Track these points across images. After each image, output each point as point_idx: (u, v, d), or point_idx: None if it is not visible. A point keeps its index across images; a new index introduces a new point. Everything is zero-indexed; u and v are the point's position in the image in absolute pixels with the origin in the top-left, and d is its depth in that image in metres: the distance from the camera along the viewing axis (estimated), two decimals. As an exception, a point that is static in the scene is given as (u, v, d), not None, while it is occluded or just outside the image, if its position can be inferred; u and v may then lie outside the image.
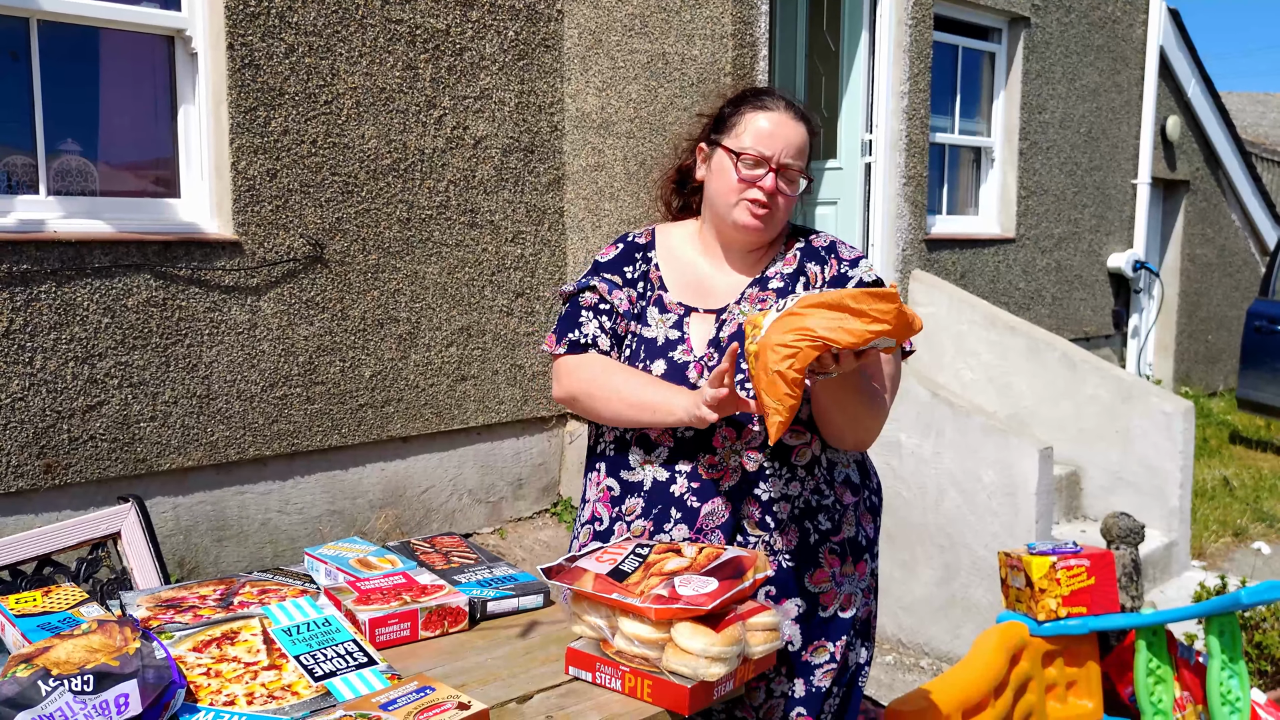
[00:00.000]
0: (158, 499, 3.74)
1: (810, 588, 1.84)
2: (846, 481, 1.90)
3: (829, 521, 1.86)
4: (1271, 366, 7.54)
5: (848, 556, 1.88)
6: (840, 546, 1.87)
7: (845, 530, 1.88)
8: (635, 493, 1.88)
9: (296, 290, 4.02)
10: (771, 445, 1.70)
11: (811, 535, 1.84)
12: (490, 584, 1.91)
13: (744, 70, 4.34)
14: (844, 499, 1.89)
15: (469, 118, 4.50)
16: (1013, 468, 3.93)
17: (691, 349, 1.85)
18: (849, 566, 1.88)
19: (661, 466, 1.85)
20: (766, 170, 1.82)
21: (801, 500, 1.84)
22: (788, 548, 1.82)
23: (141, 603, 1.66)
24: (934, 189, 6.63)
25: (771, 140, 1.82)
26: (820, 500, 1.85)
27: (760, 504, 1.82)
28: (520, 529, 4.87)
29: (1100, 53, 7.58)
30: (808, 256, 1.91)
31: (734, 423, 1.80)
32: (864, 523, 1.92)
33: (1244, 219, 10.10)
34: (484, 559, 2.05)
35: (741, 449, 1.81)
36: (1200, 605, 2.80)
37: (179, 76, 3.83)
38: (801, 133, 1.85)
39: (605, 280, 1.94)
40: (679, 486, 1.84)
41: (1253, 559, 5.53)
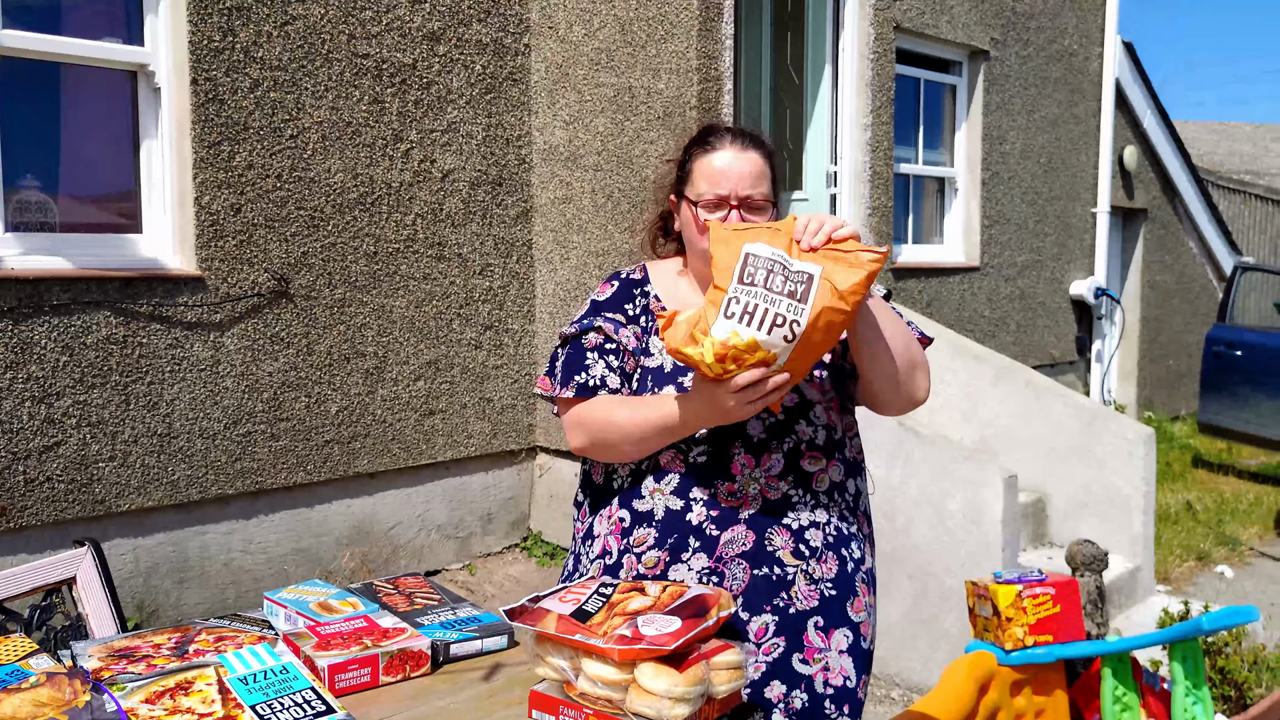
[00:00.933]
0: (116, 541, 3.68)
1: (853, 617, 1.83)
2: (865, 512, 1.91)
3: (859, 550, 1.87)
4: (1231, 391, 7.65)
5: (874, 587, 1.90)
6: (868, 576, 1.88)
7: (868, 561, 1.89)
8: (646, 523, 1.83)
9: (261, 325, 3.99)
10: (778, 416, 1.78)
11: (849, 563, 1.84)
12: (454, 626, 1.89)
13: (709, 104, 4.38)
14: (864, 529, 1.90)
15: (436, 151, 4.50)
16: (979, 495, 3.95)
17: None
18: (873, 597, 1.89)
19: (674, 494, 1.81)
20: (727, 210, 1.81)
21: (832, 527, 1.83)
22: (829, 575, 1.81)
23: (93, 653, 1.63)
24: (899, 219, 6.70)
25: (724, 178, 1.81)
26: (848, 528, 1.85)
27: (791, 532, 1.79)
28: (490, 564, 4.82)
29: (1058, 85, 7.72)
30: None
31: (753, 449, 1.79)
32: (870, 556, 1.93)
33: (1201, 246, 10.28)
34: (448, 600, 2.02)
35: (761, 476, 1.79)
36: (1163, 632, 2.81)
37: (141, 111, 3.81)
38: (753, 160, 1.84)
39: (609, 320, 1.90)
40: (696, 515, 1.80)
41: (1217, 583, 5.58)
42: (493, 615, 1.96)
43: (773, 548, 1.79)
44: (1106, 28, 8.06)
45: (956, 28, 6.65)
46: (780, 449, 1.79)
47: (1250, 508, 7.03)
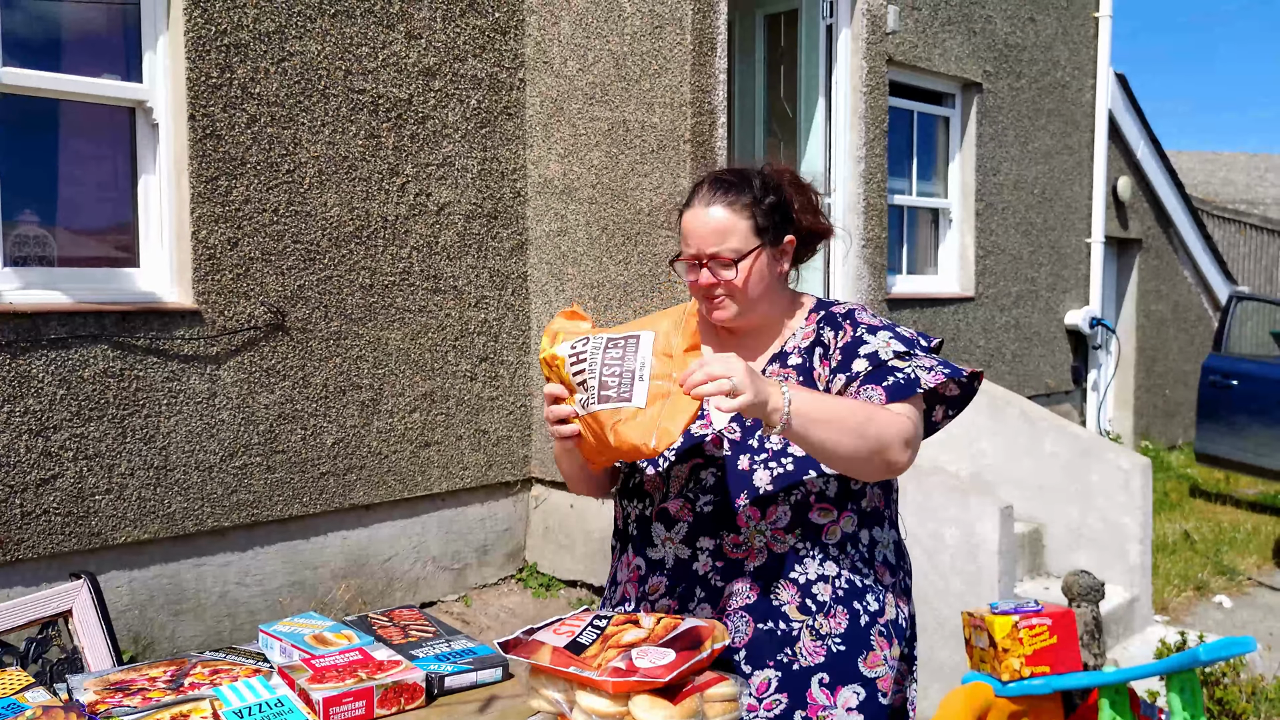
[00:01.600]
0: (112, 573, 3.67)
1: (866, 673, 1.78)
2: (885, 561, 1.85)
3: (876, 602, 1.81)
4: (1227, 420, 7.66)
5: (893, 640, 1.82)
6: (886, 629, 1.81)
7: (889, 612, 1.83)
8: (659, 571, 1.85)
9: (257, 358, 4.00)
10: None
11: (862, 617, 1.79)
12: (448, 658, 1.89)
13: (703, 137, 4.42)
14: (884, 580, 1.84)
15: (432, 184, 4.54)
16: (974, 527, 3.95)
17: (710, 423, 1.83)
18: (895, 650, 1.82)
19: (683, 543, 1.82)
20: (700, 266, 1.82)
21: (844, 580, 1.79)
22: (837, 630, 1.76)
23: (89, 686, 1.63)
24: (894, 249, 6.74)
25: (693, 237, 1.82)
26: (863, 580, 1.81)
27: (798, 586, 1.77)
28: (486, 596, 4.81)
29: (1051, 116, 7.80)
30: (826, 323, 1.87)
31: (759, 502, 1.77)
32: (900, 605, 1.87)
33: (1196, 275, 10.34)
34: (443, 632, 2.02)
35: (767, 529, 1.77)
36: (1160, 663, 2.81)
37: (139, 146, 3.84)
38: (716, 216, 1.80)
39: None
40: (702, 565, 1.80)
41: (1215, 613, 5.57)
42: (487, 648, 1.96)
43: (778, 602, 1.77)
44: (1099, 59, 8.16)
45: (949, 60, 6.73)
46: (787, 500, 1.77)
47: (1248, 537, 7.02)
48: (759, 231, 1.82)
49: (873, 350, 1.79)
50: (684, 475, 1.82)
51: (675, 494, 1.82)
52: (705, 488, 1.80)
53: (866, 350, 1.79)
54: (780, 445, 1.78)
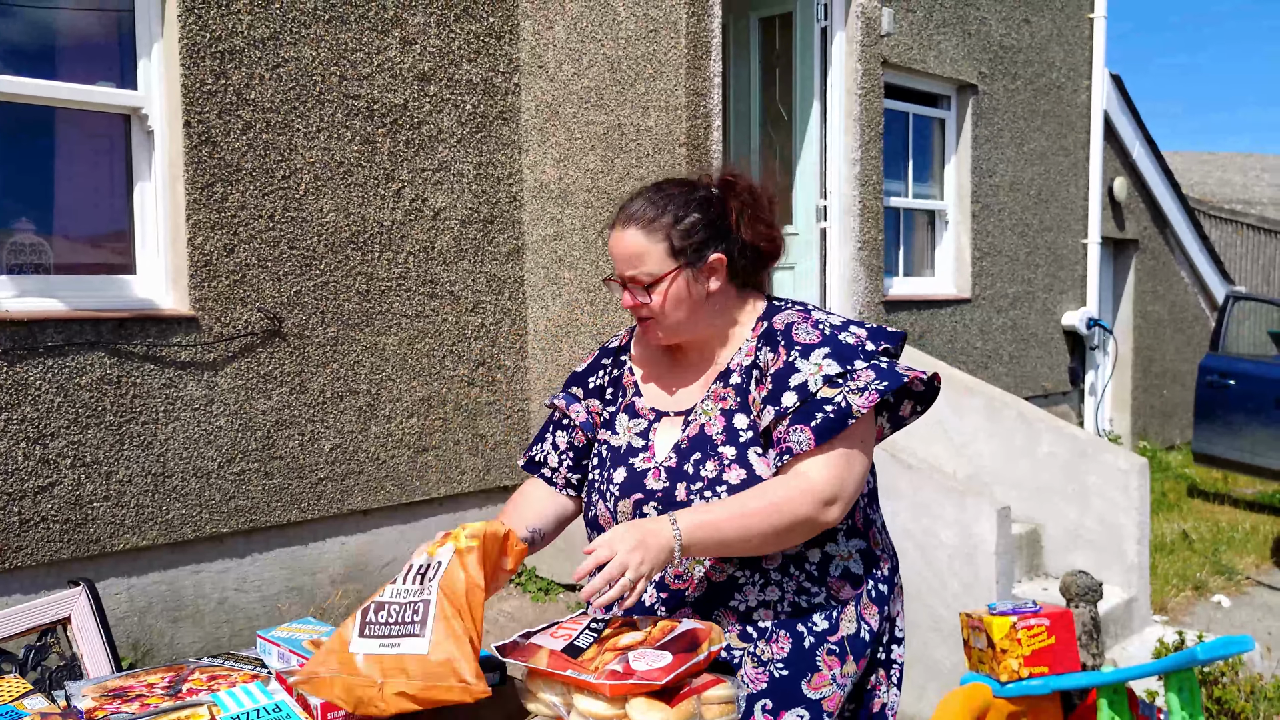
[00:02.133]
0: (111, 580, 3.67)
1: (811, 695, 1.75)
2: (845, 574, 1.80)
3: (826, 621, 1.77)
4: (1224, 420, 7.67)
5: (847, 656, 1.78)
6: (839, 646, 1.77)
7: (844, 628, 1.78)
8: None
9: (254, 364, 4.00)
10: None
11: (807, 638, 1.76)
12: (446, 662, 1.88)
13: (698, 141, 4.43)
14: (840, 594, 1.79)
15: (428, 190, 4.54)
16: (971, 528, 3.96)
17: (654, 455, 1.83)
18: (849, 666, 1.78)
19: None
20: (624, 287, 1.82)
21: (786, 604, 1.76)
22: (779, 655, 1.75)
23: (87, 693, 1.63)
24: (890, 251, 6.75)
25: (614, 260, 1.83)
26: (810, 600, 1.77)
27: (738, 615, 1.76)
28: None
29: (1047, 118, 7.82)
30: (764, 340, 1.81)
31: None
32: (866, 615, 1.81)
33: (1193, 275, 10.36)
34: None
35: (705, 559, 1.76)
36: (1158, 662, 2.81)
37: (135, 153, 3.84)
38: (627, 238, 1.78)
39: (567, 395, 2.00)
40: (648, 597, 1.82)
41: (1213, 612, 5.57)
42: (484, 652, 1.97)
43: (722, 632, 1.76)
44: (1094, 60, 8.18)
45: (944, 62, 6.74)
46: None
47: (1246, 537, 7.02)
48: (675, 253, 1.78)
49: (802, 381, 1.72)
50: (629, 510, 1.82)
51: None
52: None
53: (796, 381, 1.73)
54: (715, 472, 1.75)
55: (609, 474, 1.87)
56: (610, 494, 1.85)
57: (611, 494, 1.85)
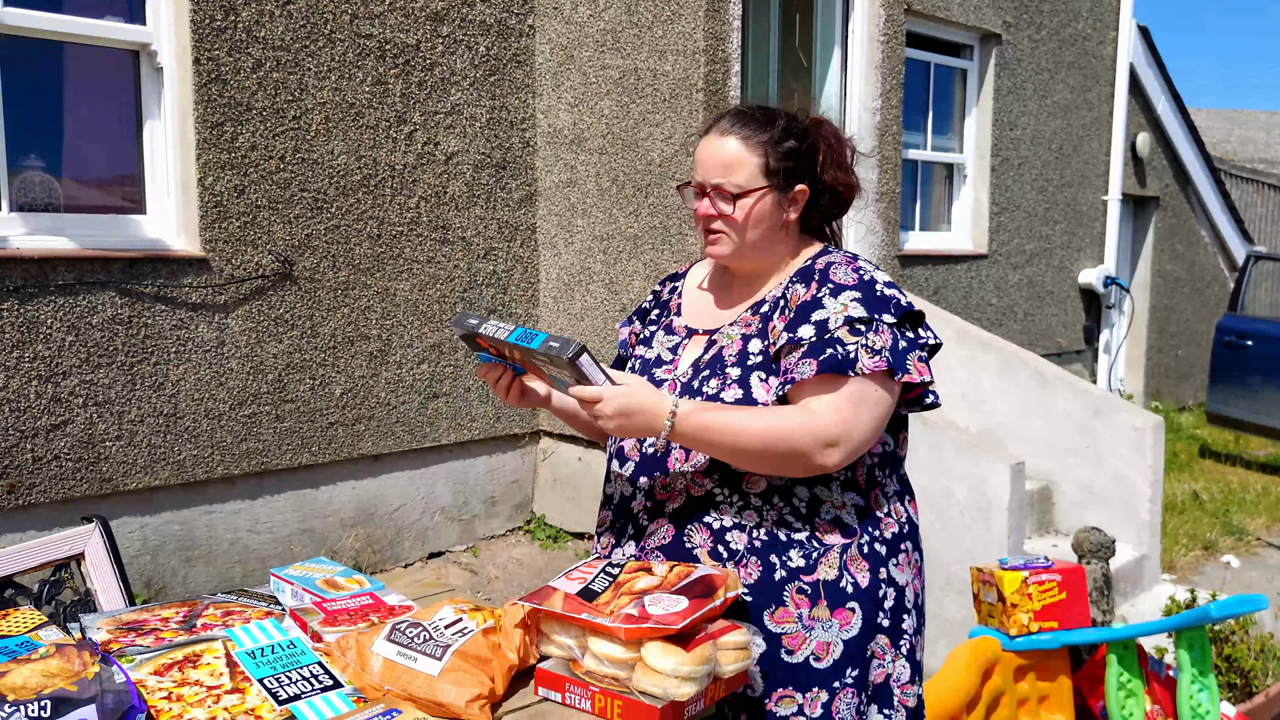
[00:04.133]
0: (124, 519, 3.68)
1: (772, 627, 1.72)
2: (836, 521, 1.76)
3: (803, 559, 1.73)
4: (1241, 381, 7.62)
5: (820, 600, 1.73)
6: (812, 588, 1.73)
7: (823, 571, 1.74)
8: (607, 505, 1.91)
9: (265, 307, 3.98)
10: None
11: (778, 570, 1.73)
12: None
13: (716, 86, 4.35)
14: (826, 538, 1.75)
15: (440, 133, 4.48)
16: (985, 483, 3.94)
17: (676, 368, 1.86)
18: (821, 611, 1.73)
19: (627, 481, 1.86)
20: (703, 195, 1.80)
21: (763, 531, 1.74)
22: (745, 580, 1.73)
23: (102, 625, 1.63)
24: (907, 205, 6.67)
25: (701, 165, 1.80)
26: (790, 534, 1.74)
27: (712, 532, 1.75)
28: (494, 547, 4.83)
29: (1071, 70, 7.67)
30: (800, 277, 1.81)
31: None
32: (852, 568, 1.76)
33: (1213, 235, 10.23)
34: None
35: (689, 471, 1.77)
36: (1170, 619, 2.81)
37: (144, 91, 3.79)
38: (727, 148, 1.77)
39: (627, 321, 2.07)
40: (637, 504, 1.83)
41: (1223, 572, 5.57)
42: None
43: (690, 545, 1.76)
44: (1121, 11, 8.00)
45: (968, 10, 6.60)
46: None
47: (1258, 498, 7.00)
48: (768, 172, 1.79)
49: (824, 318, 1.71)
50: None
51: None
52: None
53: (818, 316, 1.72)
54: (715, 389, 1.76)
55: None
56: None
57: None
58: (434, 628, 1.60)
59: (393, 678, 1.52)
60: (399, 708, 1.42)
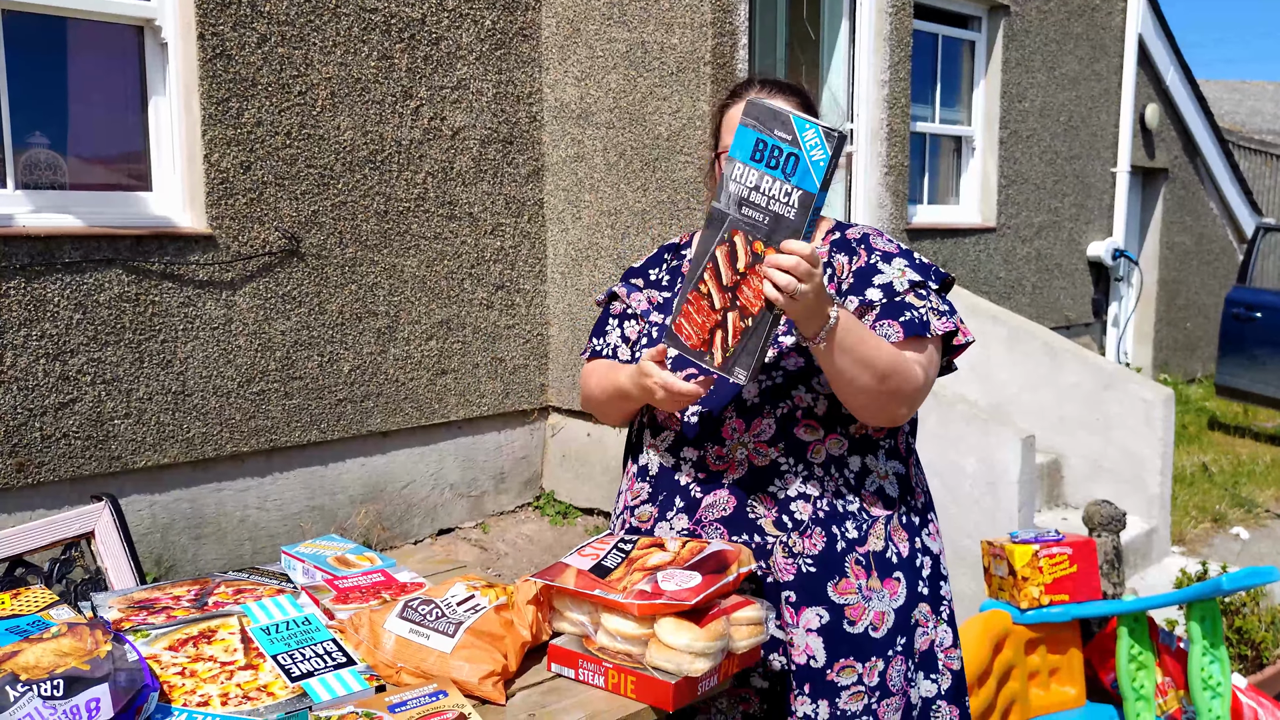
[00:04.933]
0: (133, 497, 3.69)
1: (835, 598, 1.73)
2: (879, 493, 1.79)
3: (856, 530, 1.75)
4: (1249, 353, 7.59)
5: (873, 571, 1.76)
6: (866, 559, 1.75)
7: (872, 543, 1.76)
8: (642, 477, 1.87)
9: (272, 284, 3.97)
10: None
11: (839, 542, 1.74)
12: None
13: (723, 59, 4.31)
14: (873, 510, 1.78)
15: (446, 108, 4.45)
16: (994, 456, 3.93)
17: None
18: (875, 581, 1.75)
19: (667, 451, 1.82)
20: None
21: (825, 502, 1.74)
22: (810, 551, 1.73)
23: (114, 604, 1.63)
24: (915, 178, 6.62)
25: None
26: (845, 505, 1.75)
27: (777, 502, 1.74)
28: (503, 523, 4.84)
29: (1079, 41, 7.59)
30: (838, 248, 1.82)
31: (744, 413, 1.76)
32: (895, 538, 1.79)
33: (1222, 207, 10.15)
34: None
35: (750, 442, 1.75)
36: (1182, 592, 2.80)
37: (149, 67, 3.77)
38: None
39: (628, 285, 1.98)
40: (684, 475, 1.80)
41: (1232, 544, 5.56)
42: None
43: (754, 515, 1.75)
44: (1129, -18, 7.91)
45: (975, -18, 6.53)
46: (773, 414, 1.75)
47: (1267, 470, 6.99)
48: None
49: (888, 280, 1.76)
50: None
51: None
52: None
53: (881, 280, 1.76)
54: (773, 359, 1.76)
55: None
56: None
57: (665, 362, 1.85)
58: (446, 605, 1.60)
59: (405, 655, 1.52)
60: (445, 690, 1.42)
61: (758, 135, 1.53)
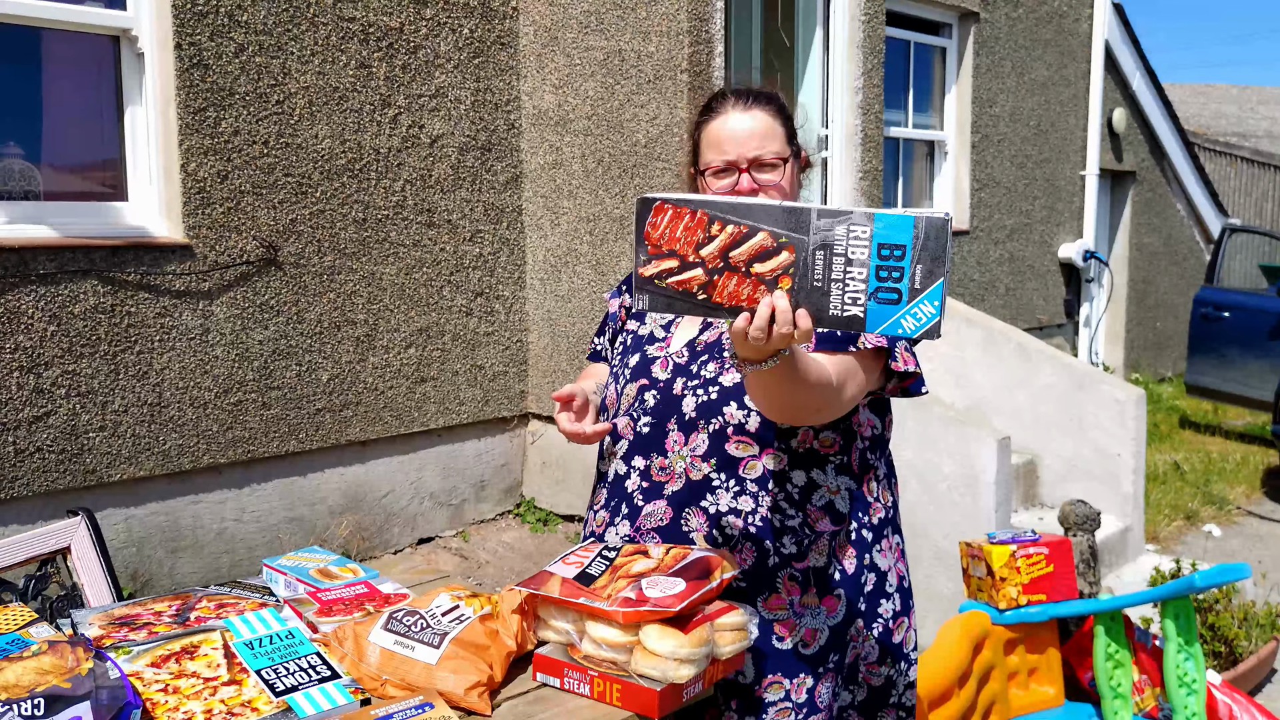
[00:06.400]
0: (109, 511, 3.66)
1: (764, 613, 1.73)
2: (828, 507, 1.77)
3: (795, 545, 1.74)
4: (1218, 352, 7.70)
5: (810, 587, 1.75)
6: (803, 574, 1.74)
7: (812, 559, 1.75)
8: (602, 483, 1.91)
9: (250, 294, 3.95)
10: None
11: (771, 557, 1.73)
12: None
13: (700, 67, 4.34)
14: (818, 525, 1.76)
15: (424, 116, 4.45)
16: (972, 458, 3.97)
17: (668, 345, 1.85)
18: (810, 598, 1.74)
19: (621, 460, 1.84)
20: (737, 173, 1.76)
21: (757, 517, 1.73)
22: (739, 566, 1.72)
23: (94, 621, 1.62)
24: (889, 182, 6.68)
25: (728, 143, 1.76)
26: (784, 520, 1.74)
27: (708, 516, 1.75)
28: (484, 531, 4.83)
29: (1048, 47, 7.68)
30: None
31: (683, 427, 1.77)
32: (841, 555, 1.77)
33: (1189, 208, 10.30)
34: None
35: (688, 455, 1.76)
36: (1156, 590, 2.84)
37: (125, 77, 3.74)
38: (758, 118, 1.77)
39: (616, 293, 2.02)
40: (631, 483, 1.82)
41: (1204, 541, 5.64)
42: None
43: (688, 528, 1.76)
44: (1097, -12, 8.01)
45: (947, -12, 6.60)
46: (707, 429, 1.75)
47: (1237, 467, 7.09)
48: (790, 139, 1.81)
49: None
50: (632, 395, 1.84)
51: (624, 411, 1.85)
52: (646, 409, 1.81)
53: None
54: (713, 374, 1.76)
55: (626, 359, 1.89)
56: (623, 376, 1.88)
57: (624, 376, 1.87)
58: (431, 615, 1.60)
59: (391, 667, 1.52)
60: (431, 701, 1.43)
61: (907, 243, 1.31)
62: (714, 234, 1.35)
